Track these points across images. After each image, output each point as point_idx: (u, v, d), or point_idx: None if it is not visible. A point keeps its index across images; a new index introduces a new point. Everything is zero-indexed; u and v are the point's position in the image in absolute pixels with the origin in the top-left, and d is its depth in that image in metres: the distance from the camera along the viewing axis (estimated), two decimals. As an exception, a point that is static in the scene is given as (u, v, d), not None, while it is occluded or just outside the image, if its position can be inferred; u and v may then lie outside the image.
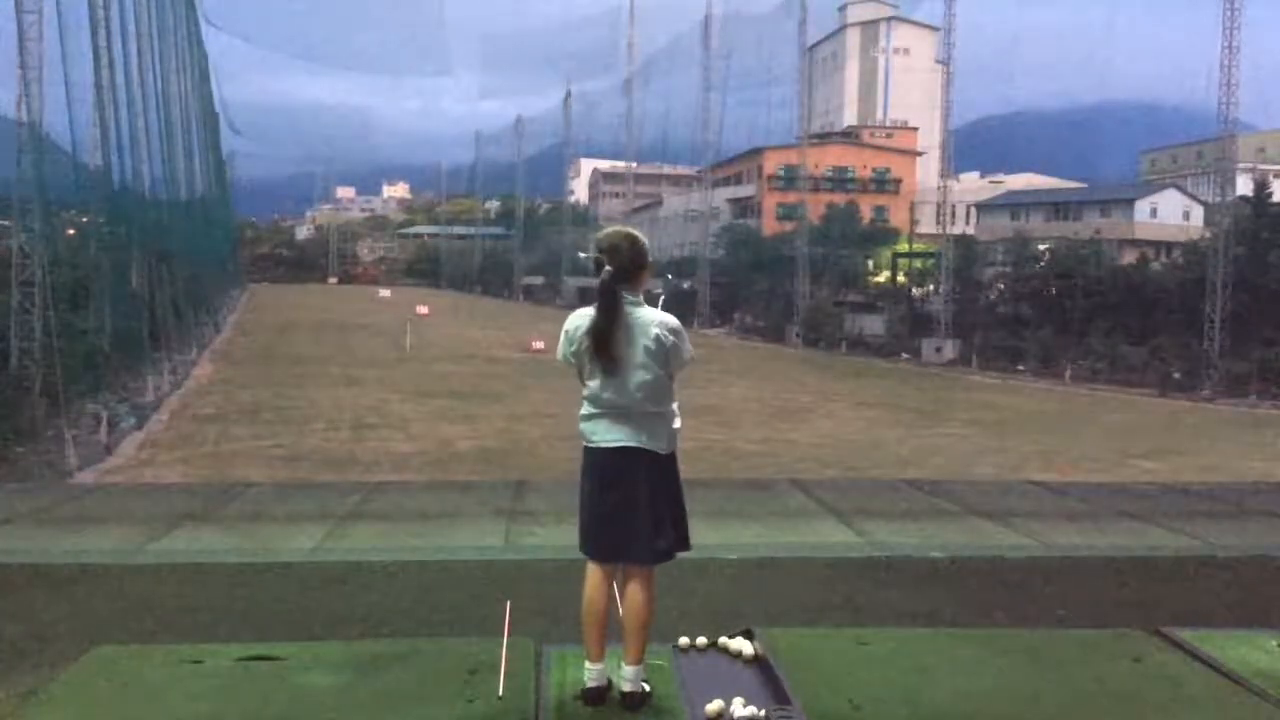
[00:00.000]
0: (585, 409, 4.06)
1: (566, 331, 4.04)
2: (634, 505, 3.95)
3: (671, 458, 4.07)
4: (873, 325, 59.35)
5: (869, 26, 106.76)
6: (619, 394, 3.96)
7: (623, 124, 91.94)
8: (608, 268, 3.93)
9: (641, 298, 4.02)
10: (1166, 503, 9.58)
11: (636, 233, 4.08)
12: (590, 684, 4.01)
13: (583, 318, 4.00)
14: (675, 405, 4.09)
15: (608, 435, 3.98)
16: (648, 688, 4.02)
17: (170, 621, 5.30)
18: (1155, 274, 52.27)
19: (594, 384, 4.00)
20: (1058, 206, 68.86)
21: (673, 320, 4.01)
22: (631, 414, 3.96)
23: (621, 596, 4.03)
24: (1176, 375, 43.32)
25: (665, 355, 3.97)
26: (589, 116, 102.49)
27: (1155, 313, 47.44)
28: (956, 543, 7.43)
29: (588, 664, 4.03)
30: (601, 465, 4.00)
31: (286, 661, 4.48)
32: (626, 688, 3.97)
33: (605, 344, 3.90)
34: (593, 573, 4.04)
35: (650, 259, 4.10)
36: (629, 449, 3.96)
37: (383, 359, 44.18)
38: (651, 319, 3.97)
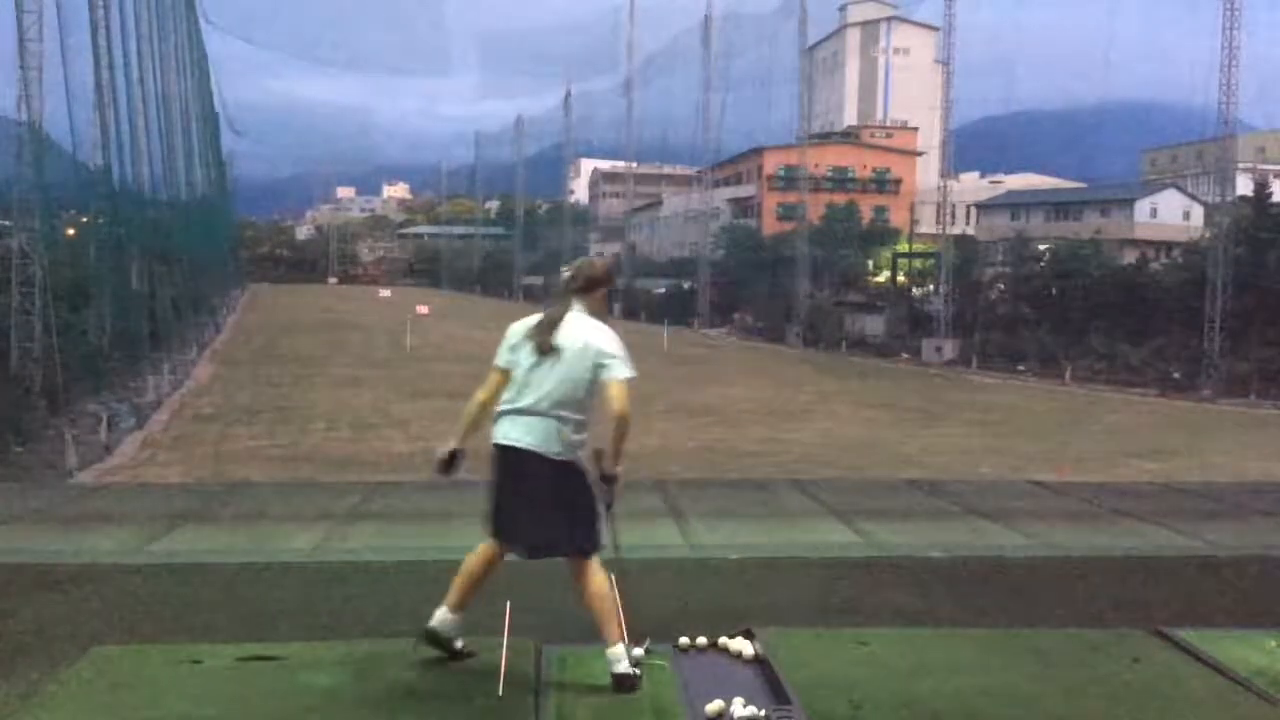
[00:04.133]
0: (499, 408, 4.35)
1: (507, 335, 4.41)
2: (522, 500, 4.25)
3: (570, 465, 4.25)
4: (873, 325, 59.35)
5: (869, 26, 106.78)
6: (532, 395, 4.24)
7: (623, 124, 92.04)
8: (569, 275, 4.45)
9: (582, 308, 4.36)
10: (1166, 503, 9.56)
11: (609, 263, 4.56)
12: (431, 623, 4.34)
13: (526, 323, 4.39)
14: (584, 419, 4.29)
15: (509, 434, 4.29)
16: (635, 671, 4.17)
17: (170, 621, 5.30)
18: (1155, 274, 52.26)
19: (512, 387, 4.30)
20: (1058, 206, 68.78)
21: (611, 340, 4.29)
22: (534, 414, 4.23)
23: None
24: (1176, 375, 43.32)
25: (592, 358, 4.23)
26: (589, 116, 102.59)
27: (1155, 313, 47.44)
28: (956, 543, 7.41)
29: (440, 609, 4.35)
30: (498, 460, 4.33)
31: (286, 661, 4.48)
32: (616, 669, 4.16)
33: (549, 330, 4.25)
34: (485, 546, 4.39)
35: (610, 283, 4.50)
36: (522, 450, 4.23)
37: (383, 359, 44.16)
38: (590, 325, 4.30)
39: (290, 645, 4.73)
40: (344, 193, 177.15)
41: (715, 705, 3.92)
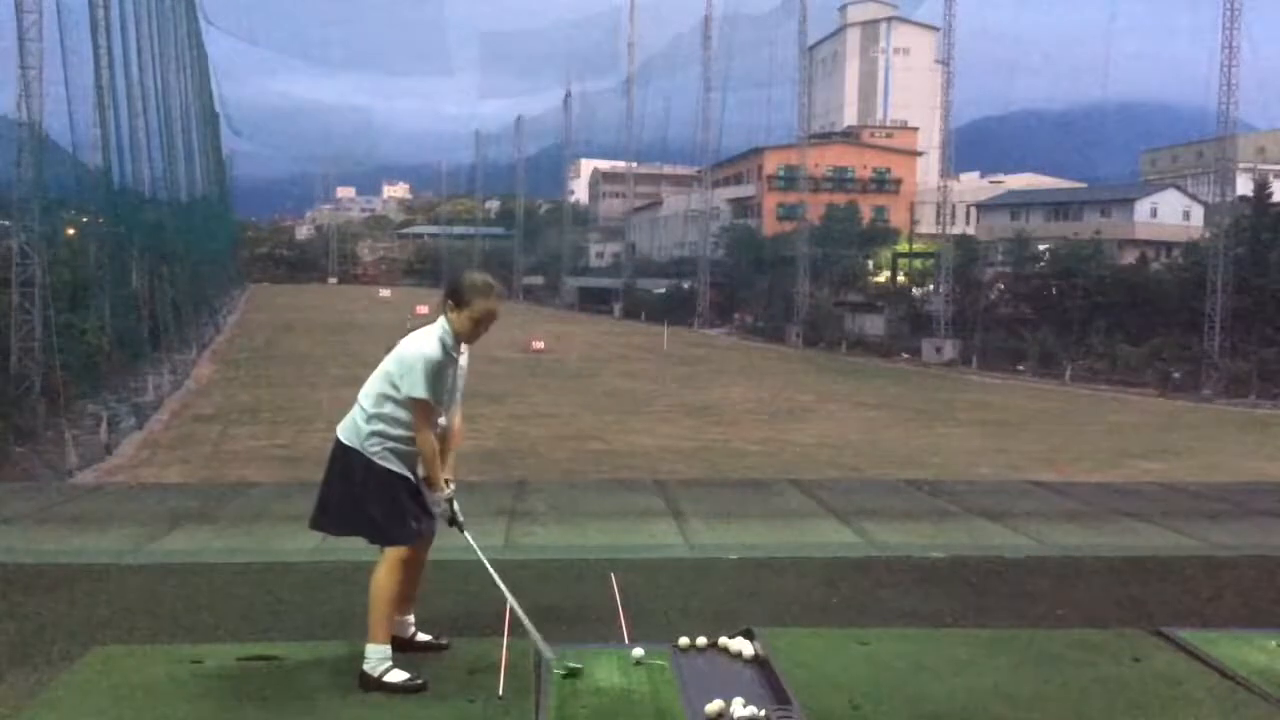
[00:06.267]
0: None
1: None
2: (324, 477, 4.50)
3: (349, 450, 4.40)
4: (873, 325, 59.37)
5: (869, 26, 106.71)
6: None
7: (623, 124, 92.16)
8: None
9: (441, 323, 4.43)
10: (1166, 503, 9.55)
11: (474, 282, 4.45)
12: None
13: None
14: (377, 412, 4.39)
15: None
16: (369, 671, 4.18)
17: (170, 621, 5.30)
18: (1155, 274, 52.29)
19: None
20: (1058, 206, 68.79)
21: (412, 352, 4.35)
22: (355, 401, 4.51)
23: None
24: (1176, 375, 43.35)
25: (395, 367, 4.38)
26: (589, 116, 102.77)
27: (1155, 313, 47.46)
28: (956, 543, 7.41)
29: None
30: None
31: (286, 661, 4.48)
32: (363, 666, 4.23)
33: (402, 337, 4.48)
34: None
35: (461, 304, 4.39)
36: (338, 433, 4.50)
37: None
38: (420, 338, 4.39)
39: (290, 645, 4.73)
40: (344, 193, 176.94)
41: (715, 705, 3.91)
